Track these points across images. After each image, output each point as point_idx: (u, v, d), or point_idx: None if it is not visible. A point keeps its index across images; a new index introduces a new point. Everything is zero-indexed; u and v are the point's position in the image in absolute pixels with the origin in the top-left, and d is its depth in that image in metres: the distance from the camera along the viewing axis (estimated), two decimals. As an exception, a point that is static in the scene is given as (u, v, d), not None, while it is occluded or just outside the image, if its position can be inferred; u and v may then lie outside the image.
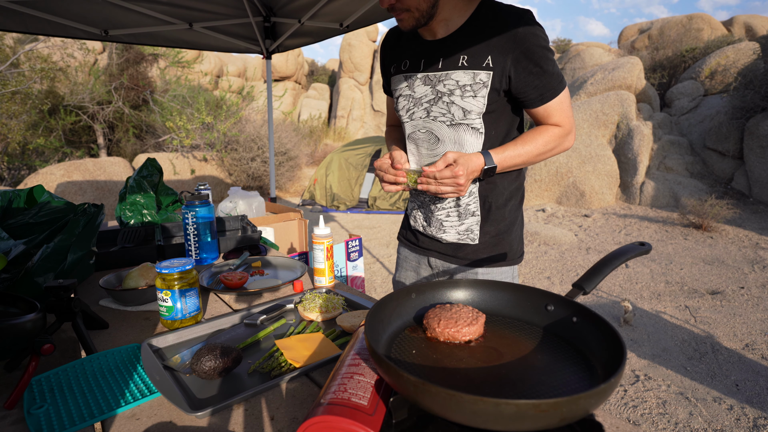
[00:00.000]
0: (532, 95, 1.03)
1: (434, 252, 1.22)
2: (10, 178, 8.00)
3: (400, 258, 1.36)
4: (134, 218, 1.82)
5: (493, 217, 1.13)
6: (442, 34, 1.06)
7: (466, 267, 1.17)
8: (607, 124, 7.77)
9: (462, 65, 1.03)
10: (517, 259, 1.18)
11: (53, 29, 2.74)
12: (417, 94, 1.10)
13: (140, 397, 0.72)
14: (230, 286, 1.19)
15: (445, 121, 1.07)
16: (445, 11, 1.03)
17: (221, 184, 8.41)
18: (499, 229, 1.14)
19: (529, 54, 0.98)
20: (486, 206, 1.13)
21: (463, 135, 1.07)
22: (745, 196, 6.67)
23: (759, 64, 7.19)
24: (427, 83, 1.08)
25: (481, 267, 1.15)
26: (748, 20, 12.69)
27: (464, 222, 1.14)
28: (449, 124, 1.07)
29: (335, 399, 0.53)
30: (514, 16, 0.98)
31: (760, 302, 3.55)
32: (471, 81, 1.02)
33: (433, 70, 1.06)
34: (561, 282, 4.11)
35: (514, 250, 1.17)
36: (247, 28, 3.39)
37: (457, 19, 1.04)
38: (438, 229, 1.18)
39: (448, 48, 1.05)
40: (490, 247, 1.15)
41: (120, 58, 9.55)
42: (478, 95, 1.02)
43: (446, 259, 1.20)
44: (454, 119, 1.06)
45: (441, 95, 1.06)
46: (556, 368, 0.61)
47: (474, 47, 1.01)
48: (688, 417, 2.18)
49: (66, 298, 0.88)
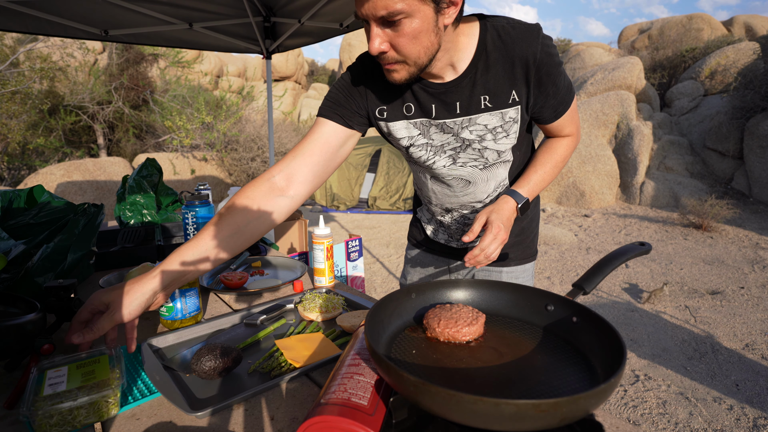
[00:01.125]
0: (547, 114, 0.95)
1: (456, 256, 1.21)
2: (10, 178, 8.01)
3: (413, 260, 1.30)
4: (134, 218, 1.82)
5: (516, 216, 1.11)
6: (450, 76, 0.90)
7: (492, 266, 1.14)
8: (607, 124, 7.77)
9: (486, 107, 0.91)
10: (535, 254, 1.19)
11: (53, 29, 2.74)
12: (436, 142, 0.97)
13: (140, 397, 0.72)
14: (230, 286, 1.19)
15: (477, 166, 0.99)
16: (450, 54, 0.86)
17: (221, 184, 8.42)
18: (521, 227, 1.14)
19: (547, 76, 0.88)
20: None
21: (495, 171, 1.02)
22: (745, 196, 6.67)
23: (759, 64, 7.19)
24: (446, 131, 0.95)
25: (506, 266, 1.14)
26: (748, 20, 12.70)
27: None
28: (482, 168, 1.00)
29: (335, 399, 0.53)
30: (524, 40, 0.86)
31: (760, 302, 3.55)
32: (501, 122, 0.92)
33: (452, 116, 0.93)
34: (561, 282, 4.11)
35: (534, 246, 1.19)
36: (247, 28, 3.39)
37: (464, 56, 0.88)
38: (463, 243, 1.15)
39: (463, 91, 0.90)
40: (515, 245, 1.13)
41: (120, 58, 9.55)
42: (510, 133, 0.94)
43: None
44: (488, 162, 0.99)
45: (469, 142, 0.95)
46: (556, 368, 0.61)
47: (493, 84, 0.89)
48: (688, 417, 2.18)
49: (66, 298, 0.88)
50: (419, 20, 0.75)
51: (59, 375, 0.68)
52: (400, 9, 0.72)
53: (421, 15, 0.74)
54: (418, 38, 0.77)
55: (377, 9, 0.73)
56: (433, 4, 0.74)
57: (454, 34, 0.84)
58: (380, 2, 0.72)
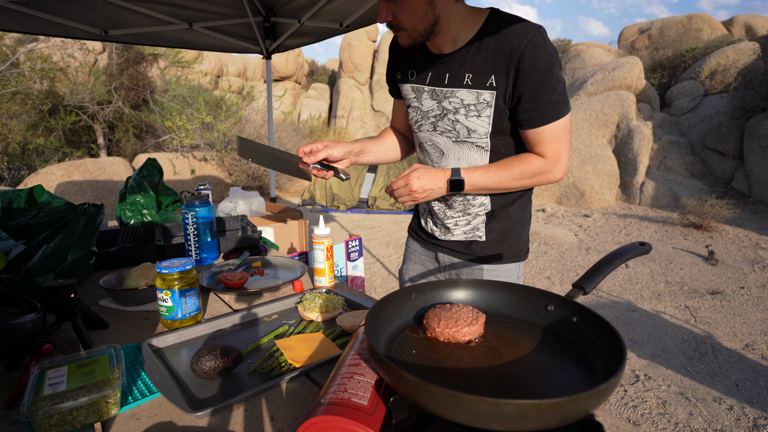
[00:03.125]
0: (522, 117, 0.99)
1: (443, 248, 1.24)
2: (10, 178, 8.01)
3: (408, 251, 1.37)
4: (134, 218, 1.82)
5: (499, 215, 1.14)
6: (449, 49, 1.03)
7: (472, 263, 1.18)
8: (607, 124, 7.77)
9: (467, 84, 1.01)
10: (523, 256, 1.20)
11: (53, 29, 2.74)
12: (424, 108, 1.10)
13: (140, 397, 0.72)
14: (230, 286, 1.19)
15: (450, 137, 1.08)
16: (452, 29, 0.99)
17: (221, 184, 8.41)
18: (505, 226, 1.16)
19: (526, 74, 0.94)
20: (492, 207, 1.14)
21: (467, 152, 1.08)
22: (745, 196, 6.67)
23: (759, 64, 7.19)
24: (433, 98, 1.07)
25: (487, 264, 1.17)
26: (748, 20, 12.69)
27: (471, 223, 1.16)
28: (454, 141, 1.08)
29: (335, 399, 0.53)
30: (515, 32, 0.94)
31: (760, 302, 3.55)
32: (475, 101, 1.01)
33: (440, 85, 1.05)
34: (561, 282, 4.11)
35: (520, 247, 1.19)
36: (246, 28, 3.39)
37: (464, 36, 1.00)
38: (446, 232, 1.21)
39: (453, 65, 1.02)
40: (497, 244, 1.16)
41: (120, 58, 9.54)
42: (482, 115, 1.01)
43: (454, 254, 1.21)
44: (459, 136, 1.07)
45: (447, 112, 1.06)
46: (556, 368, 0.61)
47: (479, 65, 0.98)
48: (688, 417, 2.18)
49: (66, 298, 0.88)
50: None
51: (59, 375, 0.68)
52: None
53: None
54: (413, 9, 0.94)
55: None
56: None
57: (463, 12, 0.99)
58: None
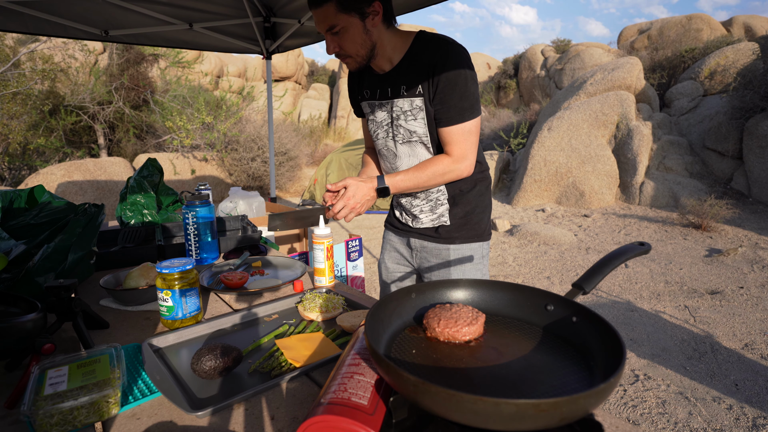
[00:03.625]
0: (435, 117, 1.20)
1: (414, 233, 1.41)
2: (11, 178, 8.00)
3: (385, 240, 1.54)
4: (135, 218, 1.82)
5: (460, 201, 1.33)
6: (388, 67, 1.24)
7: (440, 244, 1.35)
8: (606, 125, 7.77)
9: (402, 94, 1.21)
10: (486, 236, 1.38)
11: (53, 30, 2.74)
12: (378, 119, 1.30)
13: (141, 396, 0.72)
14: (230, 286, 1.19)
15: (398, 140, 1.28)
16: (387, 51, 1.21)
17: (221, 184, 8.41)
18: (466, 211, 1.33)
19: (439, 82, 1.15)
20: (452, 194, 1.32)
21: (415, 149, 1.28)
22: (745, 196, 6.67)
23: (758, 64, 7.19)
24: (383, 109, 1.28)
25: (452, 244, 1.34)
26: (747, 20, 12.70)
27: (435, 212, 1.34)
28: (401, 143, 1.28)
29: (335, 399, 0.53)
30: (435, 49, 1.15)
31: (759, 302, 3.55)
32: (410, 107, 1.21)
33: (385, 98, 1.26)
34: (561, 282, 4.11)
35: (482, 229, 1.37)
36: (247, 28, 3.40)
37: (398, 55, 1.21)
38: (414, 220, 1.38)
39: (392, 79, 1.23)
40: (461, 227, 1.34)
41: (120, 59, 9.54)
42: (417, 118, 1.22)
43: (425, 239, 1.38)
44: (404, 138, 1.27)
45: (393, 119, 1.26)
46: (556, 368, 0.61)
47: (410, 78, 1.19)
48: (688, 416, 2.18)
49: (66, 297, 0.88)
50: (351, 28, 1.13)
51: (60, 374, 0.68)
52: (336, 22, 1.12)
53: (352, 24, 1.12)
54: (354, 39, 1.15)
55: (324, 25, 1.13)
56: (358, 15, 1.11)
57: (394, 36, 1.20)
58: (324, 21, 1.13)
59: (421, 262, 1.40)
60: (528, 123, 11.05)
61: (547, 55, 15.41)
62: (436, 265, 1.36)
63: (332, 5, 1.09)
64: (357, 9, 1.10)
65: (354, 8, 1.10)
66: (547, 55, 15.44)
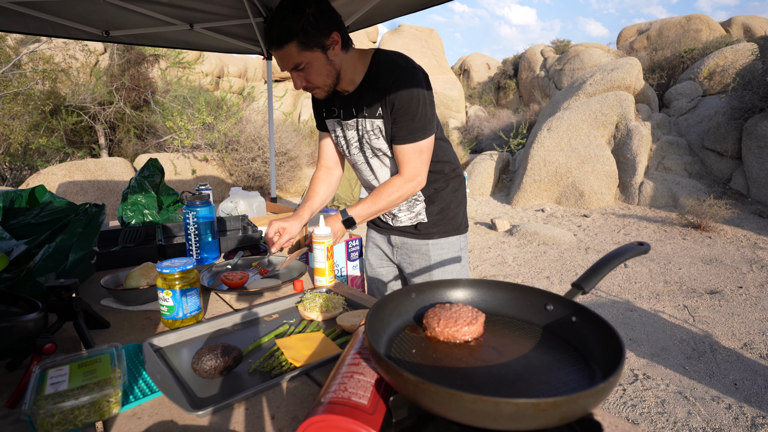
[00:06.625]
0: (391, 135, 1.26)
1: (395, 231, 1.49)
2: (12, 178, 7.99)
3: (368, 239, 1.63)
4: (135, 218, 1.83)
5: (435, 199, 1.41)
6: (351, 89, 1.28)
7: (419, 239, 1.43)
8: (605, 125, 7.78)
9: (364, 115, 1.27)
10: (462, 230, 1.47)
11: (54, 30, 2.74)
12: (348, 137, 1.36)
13: (141, 396, 0.72)
14: (231, 285, 1.20)
15: (369, 155, 1.36)
16: (349, 74, 1.24)
17: (222, 184, 8.41)
18: (441, 207, 1.42)
19: (393, 104, 1.20)
20: (428, 194, 1.40)
21: (384, 160, 1.35)
22: (744, 196, 6.68)
23: (757, 64, 7.20)
24: (350, 129, 1.34)
25: (431, 239, 1.42)
26: (746, 21, 12.71)
27: (413, 210, 1.42)
28: (372, 156, 1.36)
29: (335, 398, 0.54)
30: (389, 73, 1.20)
31: (758, 302, 3.55)
32: (372, 127, 1.28)
33: (351, 117, 1.31)
34: (560, 282, 4.12)
35: (458, 223, 1.46)
36: (247, 28, 3.40)
37: (358, 77, 1.25)
38: (394, 219, 1.46)
39: (356, 101, 1.28)
40: (438, 222, 1.42)
41: (121, 59, 9.54)
42: (380, 137, 1.29)
43: (405, 236, 1.47)
44: (374, 153, 1.35)
45: (361, 136, 1.33)
46: (556, 367, 0.61)
47: (369, 100, 1.24)
48: (687, 416, 2.19)
49: (67, 297, 0.89)
50: (315, 62, 1.15)
51: (61, 374, 0.69)
52: (300, 60, 1.14)
53: (315, 58, 1.15)
54: (319, 72, 1.18)
55: (288, 64, 1.15)
56: (320, 49, 1.14)
57: (353, 57, 1.23)
58: (288, 61, 1.14)
59: (402, 258, 1.50)
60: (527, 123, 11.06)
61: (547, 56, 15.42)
62: (417, 260, 1.46)
63: (293, 45, 1.11)
64: (318, 44, 1.12)
65: (315, 44, 1.12)
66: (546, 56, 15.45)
